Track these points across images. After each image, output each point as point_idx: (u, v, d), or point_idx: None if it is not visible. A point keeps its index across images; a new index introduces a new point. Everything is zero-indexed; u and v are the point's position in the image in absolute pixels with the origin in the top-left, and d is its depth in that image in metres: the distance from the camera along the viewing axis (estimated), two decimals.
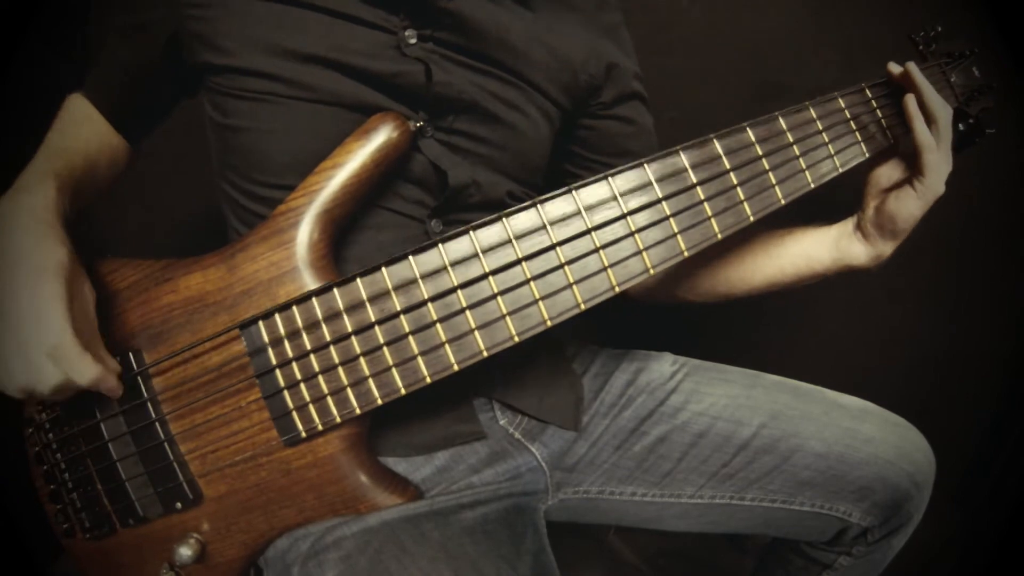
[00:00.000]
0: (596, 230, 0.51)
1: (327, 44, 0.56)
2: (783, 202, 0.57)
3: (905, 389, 1.21)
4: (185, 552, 0.56)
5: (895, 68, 0.65)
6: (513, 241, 0.51)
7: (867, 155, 0.64)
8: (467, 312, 0.51)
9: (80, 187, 0.60)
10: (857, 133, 0.63)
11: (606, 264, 0.51)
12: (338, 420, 0.53)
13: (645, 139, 0.76)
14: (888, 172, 0.66)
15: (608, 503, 0.75)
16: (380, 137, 0.55)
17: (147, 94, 0.68)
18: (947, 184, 0.62)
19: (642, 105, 0.76)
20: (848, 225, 0.69)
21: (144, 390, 0.56)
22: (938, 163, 0.62)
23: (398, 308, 0.52)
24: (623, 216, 0.51)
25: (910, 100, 0.63)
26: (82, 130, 0.65)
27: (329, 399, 0.53)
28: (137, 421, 0.57)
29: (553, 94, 0.66)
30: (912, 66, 0.64)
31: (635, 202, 0.52)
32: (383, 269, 0.52)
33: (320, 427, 0.54)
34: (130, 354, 0.56)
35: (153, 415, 0.56)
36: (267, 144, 0.58)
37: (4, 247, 0.52)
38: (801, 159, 0.57)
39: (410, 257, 0.51)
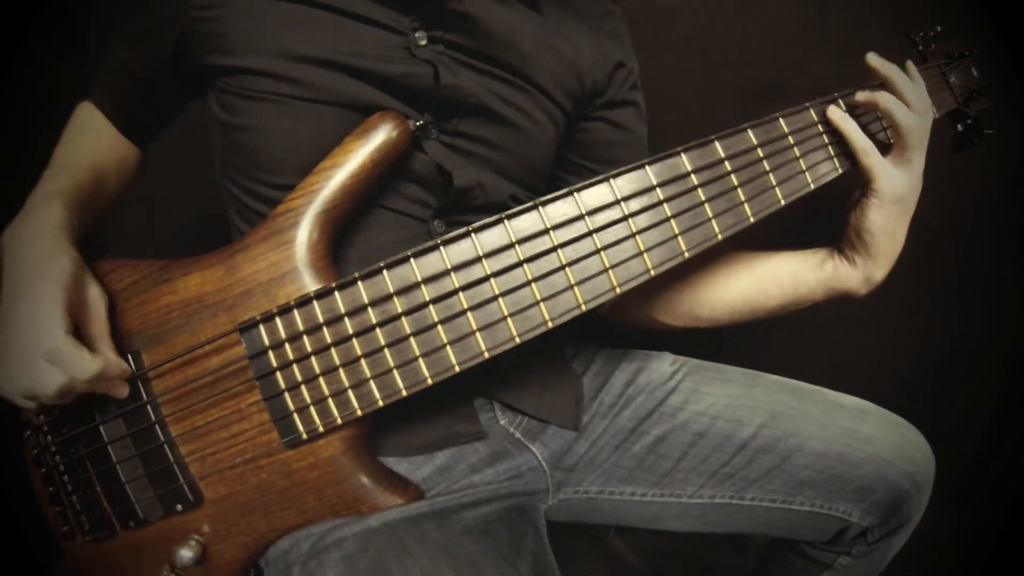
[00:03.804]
0: (597, 232, 0.51)
1: (336, 46, 0.56)
2: (783, 203, 0.57)
3: (905, 389, 1.21)
4: (185, 554, 0.56)
5: (873, 61, 0.61)
6: (515, 243, 0.51)
7: None
8: (469, 314, 0.51)
9: (89, 200, 0.61)
10: None
11: (607, 265, 0.51)
12: (339, 422, 0.53)
13: (635, 149, 0.73)
14: (857, 185, 0.64)
15: (608, 503, 0.74)
16: (379, 136, 0.54)
17: (157, 98, 0.67)
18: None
19: (636, 115, 0.73)
20: (832, 248, 0.67)
21: (144, 392, 0.56)
22: (880, 166, 0.59)
23: (399, 310, 0.51)
24: (625, 218, 0.51)
25: (876, 96, 0.59)
26: (89, 141, 0.66)
27: (330, 401, 0.53)
28: (137, 423, 0.57)
29: (559, 98, 0.65)
30: (879, 62, 0.60)
31: (636, 203, 0.52)
32: (384, 272, 0.51)
33: (321, 429, 0.53)
34: (128, 356, 0.56)
35: (153, 417, 0.56)
36: (272, 144, 0.58)
37: (9, 271, 0.53)
38: (801, 160, 0.57)
39: (412, 260, 0.51)
